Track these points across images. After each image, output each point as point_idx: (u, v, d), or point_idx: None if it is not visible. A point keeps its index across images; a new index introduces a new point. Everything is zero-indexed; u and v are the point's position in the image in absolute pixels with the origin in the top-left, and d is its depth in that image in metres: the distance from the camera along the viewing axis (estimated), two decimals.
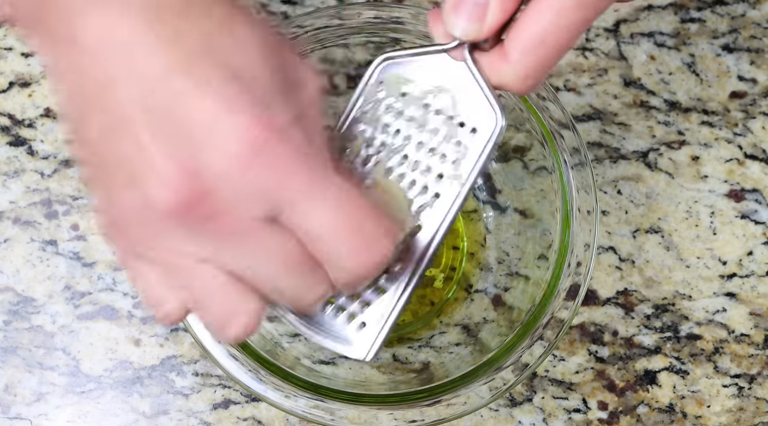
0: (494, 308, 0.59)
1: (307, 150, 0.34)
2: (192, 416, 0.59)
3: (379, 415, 0.50)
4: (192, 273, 0.35)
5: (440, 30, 0.39)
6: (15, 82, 0.61)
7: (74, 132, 0.35)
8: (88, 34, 0.33)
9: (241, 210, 0.33)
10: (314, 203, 0.34)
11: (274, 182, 0.33)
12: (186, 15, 0.33)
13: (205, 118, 0.32)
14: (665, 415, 0.60)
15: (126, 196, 0.33)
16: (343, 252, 0.35)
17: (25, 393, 0.59)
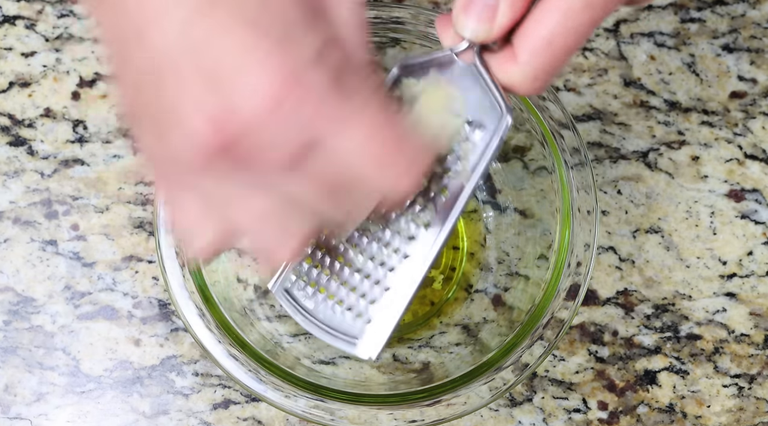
0: (494, 308, 0.59)
1: (340, 75, 0.34)
2: (192, 416, 0.59)
3: (379, 415, 0.50)
4: (238, 202, 0.36)
5: (449, 33, 0.39)
6: (15, 82, 0.61)
7: (117, 74, 0.35)
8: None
9: (280, 145, 0.34)
10: (349, 130, 0.34)
11: (307, 116, 0.33)
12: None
13: (232, 60, 0.32)
14: (665, 415, 0.60)
15: (168, 136, 0.34)
16: (378, 173, 0.35)
17: (25, 393, 0.59)
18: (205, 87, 0.32)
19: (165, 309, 0.60)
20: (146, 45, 0.33)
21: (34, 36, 0.61)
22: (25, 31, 0.62)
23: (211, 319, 0.51)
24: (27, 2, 0.62)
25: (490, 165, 0.40)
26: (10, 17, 0.62)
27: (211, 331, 0.51)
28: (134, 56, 0.34)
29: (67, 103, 0.61)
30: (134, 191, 0.61)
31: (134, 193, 0.60)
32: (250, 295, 0.58)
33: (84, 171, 0.61)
